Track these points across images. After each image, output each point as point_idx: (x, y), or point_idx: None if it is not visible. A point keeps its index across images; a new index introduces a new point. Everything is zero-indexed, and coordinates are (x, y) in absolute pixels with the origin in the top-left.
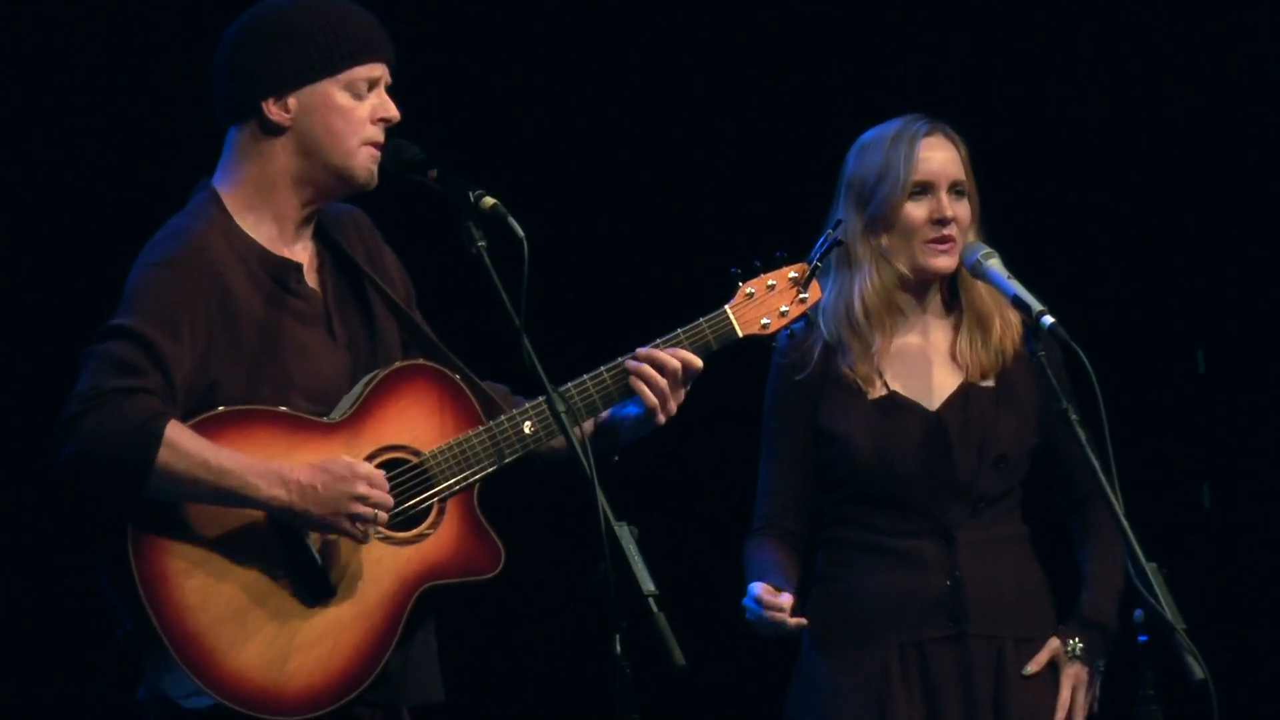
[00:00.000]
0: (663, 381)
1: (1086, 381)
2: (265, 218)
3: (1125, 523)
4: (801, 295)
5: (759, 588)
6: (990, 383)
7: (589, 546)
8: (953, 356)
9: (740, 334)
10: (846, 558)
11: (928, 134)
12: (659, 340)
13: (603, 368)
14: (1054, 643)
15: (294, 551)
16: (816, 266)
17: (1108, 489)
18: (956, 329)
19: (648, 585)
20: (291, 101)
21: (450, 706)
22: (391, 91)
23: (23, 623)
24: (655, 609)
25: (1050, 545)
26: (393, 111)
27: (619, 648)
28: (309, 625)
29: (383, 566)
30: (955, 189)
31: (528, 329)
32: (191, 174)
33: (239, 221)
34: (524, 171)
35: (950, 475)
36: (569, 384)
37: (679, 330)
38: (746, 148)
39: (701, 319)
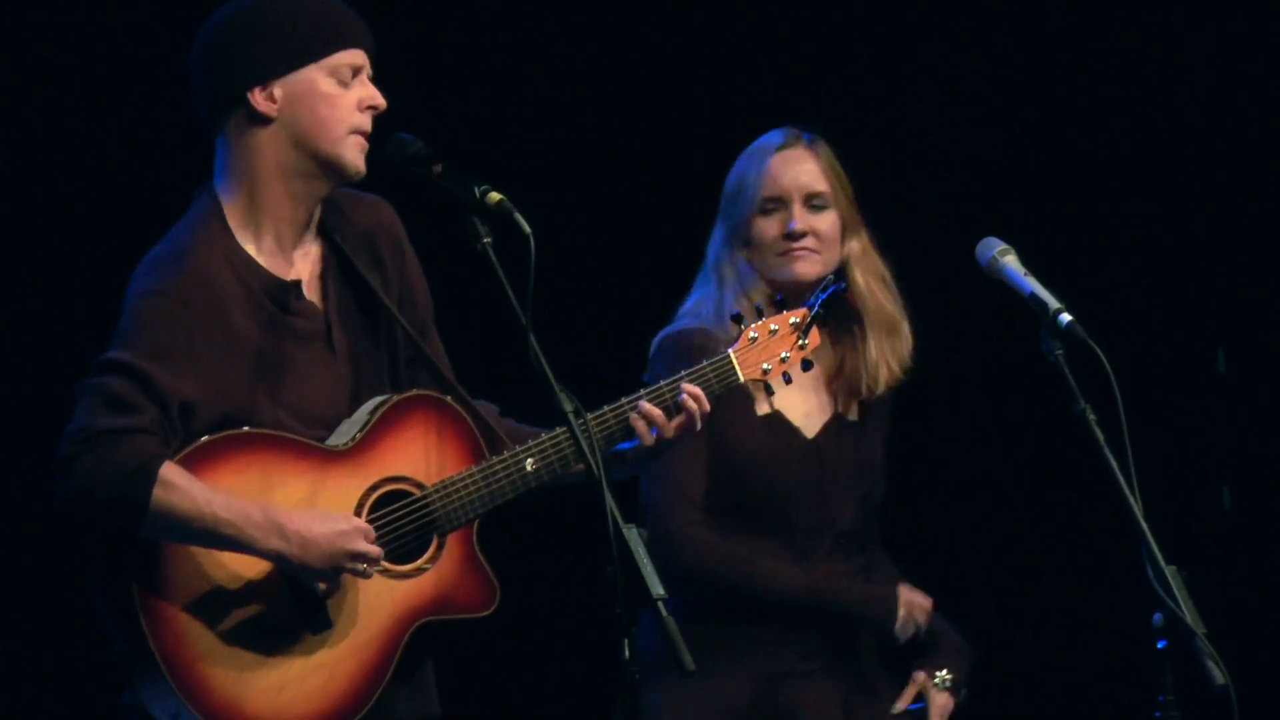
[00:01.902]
0: (664, 422)
1: (1105, 381)
2: (265, 228)
3: (1144, 525)
4: (801, 342)
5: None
6: (854, 417)
7: (597, 549)
8: (826, 384)
9: (742, 379)
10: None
11: (781, 147)
12: (663, 383)
13: (606, 408)
14: (920, 676)
15: (294, 584)
16: (818, 313)
17: (1126, 491)
18: (830, 353)
19: (657, 589)
20: (277, 90)
21: (455, 713)
22: (376, 82)
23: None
24: (665, 613)
25: None
26: (380, 100)
27: (627, 652)
28: (305, 657)
29: (380, 600)
30: (812, 202)
31: (533, 326)
32: (190, 175)
33: (239, 236)
34: (526, 168)
35: (820, 508)
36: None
37: (682, 371)
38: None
39: (705, 361)
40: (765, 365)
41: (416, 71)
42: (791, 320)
